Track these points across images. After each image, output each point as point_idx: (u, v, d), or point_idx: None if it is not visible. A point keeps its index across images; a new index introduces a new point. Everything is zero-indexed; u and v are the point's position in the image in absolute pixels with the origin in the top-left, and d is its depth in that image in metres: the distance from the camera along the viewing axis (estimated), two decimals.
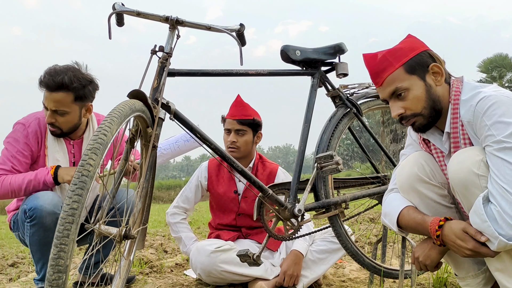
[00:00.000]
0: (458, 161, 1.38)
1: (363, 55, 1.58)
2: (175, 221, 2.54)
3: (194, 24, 1.74)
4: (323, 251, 2.30)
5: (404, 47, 1.50)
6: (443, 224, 1.42)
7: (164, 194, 20.36)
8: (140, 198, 1.60)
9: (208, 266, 2.18)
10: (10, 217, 2.17)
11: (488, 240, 1.31)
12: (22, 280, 2.69)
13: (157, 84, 1.64)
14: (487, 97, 1.36)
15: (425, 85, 1.47)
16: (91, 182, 1.15)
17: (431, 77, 1.48)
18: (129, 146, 1.58)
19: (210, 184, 2.52)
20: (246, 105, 2.46)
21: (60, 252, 1.08)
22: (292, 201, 1.89)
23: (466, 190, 1.38)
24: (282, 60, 2.03)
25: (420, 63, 1.47)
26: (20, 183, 2.01)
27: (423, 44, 1.53)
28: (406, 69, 1.47)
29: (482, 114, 1.35)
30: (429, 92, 1.47)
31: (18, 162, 2.07)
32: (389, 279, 2.23)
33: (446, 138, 1.51)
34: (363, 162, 3.00)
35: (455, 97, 1.46)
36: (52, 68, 2.06)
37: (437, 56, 1.51)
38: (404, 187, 1.57)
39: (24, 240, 2.10)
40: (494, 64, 21.10)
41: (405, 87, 1.47)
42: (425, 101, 1.47)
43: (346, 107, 2.10)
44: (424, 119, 1.49)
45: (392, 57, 1.49)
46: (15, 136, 2.09)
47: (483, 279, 1.58)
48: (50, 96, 2.03)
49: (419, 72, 1.47)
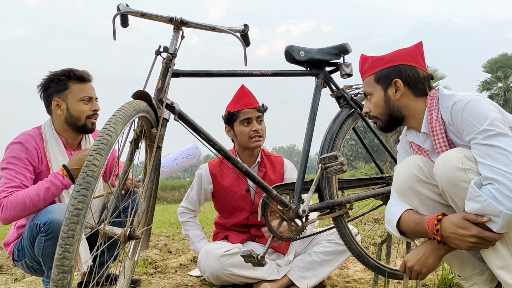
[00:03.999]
0: (442, 162, 1.44)
1: (361, 55, 1.77)
2: (183, 219, 2.59)
3: (198, 24, 1.74)
4: (329, 253, 2.29)
5: (385, 58, 1.67)
6: (441, 218, 1.44)
7: (168, 194, 20.40)
8: (145, 199, 1.60)
9: (217, 270, 2.17)
10: (12, 247, 2.11)
11: (490, 221, 1.33)
12: (27, 280, 2.70)
13: (161, 85, 1.64)
14: (461, 98, 1.49)
15: (384, 96, 1.65)
16: (96, 182, 1.15)
17: (393, 90, 1.63)
18: (134, 147, 1.58)
19: (216, 186, 2.46)
20: (252, 93, 2.44)
21: (65, 253, 1.09)
22: (297, 201, 1.89)
23: (455, 188, 1.41)
24: (286, 61, 2.03)
25: (386, 75, 1.64)
26: (37, 193, 1.95)
27: (407, 59, 1.64)
28: (375, 77, 1.67)
29: (461, 111, 1.46)
30: (387, 102, 1.64)
31: (25, 178, 2.02)
32: (394, 280, 2.22)
33: (424, 137, 1.63)
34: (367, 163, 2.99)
35: (430, 102, 1.59)
36: (67, 68, 2.20)
37: (408, 74, 1.61)
38: (402, 190, 1.59)
39: (32, 266, 2.05)
40: (499, 64, 21.04)
41: (369, 92, 1.69)
42: (382, 109, 1.66)
43: (351, 108, 2.10)
44: (381, 122, 1.69)
45: (373, 64, 1.69)
46: (14, 155, 2.05)
47: (489, 275, 1.58)
48: (86, 86, 2.20)
49: (382, 83, 1.65)
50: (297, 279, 2.24)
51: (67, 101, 2.15)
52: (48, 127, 2.19)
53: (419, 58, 1.66)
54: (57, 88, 2.15)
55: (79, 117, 2.16)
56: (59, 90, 2.15)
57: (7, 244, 2.15)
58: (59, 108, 2.16)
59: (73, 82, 2.16)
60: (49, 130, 2.18)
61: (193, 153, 2.32)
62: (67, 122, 2.17)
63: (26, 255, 2.03)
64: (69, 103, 2.15)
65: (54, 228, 1.87)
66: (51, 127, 2.19)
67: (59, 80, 2.15)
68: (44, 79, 2.19)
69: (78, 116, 2.16)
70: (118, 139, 1.28)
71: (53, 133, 2.18)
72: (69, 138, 2.22)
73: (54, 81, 2.16)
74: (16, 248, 2.08)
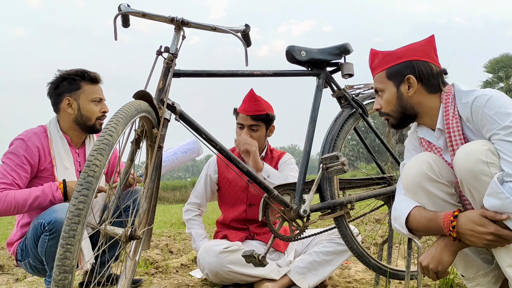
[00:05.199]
0: (465, 153, 1.40)
1: (371, 50, 1.72)
2: (187, 218, 2.60)
3: (199, 25, 1.74)
4: (330, 253, 2.29)
5: (396, 53, 1.63)
6: (457, 215, 1.42)
7: (170, 194, 20.38)
8: (146, 199, 1.60)
9: (216, 267, 2.18)
10: (16, 247, 2.12)
11: (508, 219, 1.31)
12: (28, 280, 2.70)
13: (162, 85, 1.64)
14: (482, 94, 1.46)
15: (396, 92, 1.61)
16: (97, 182, 1.15)
17: (405, 87, 1.59)
18: (135, 147, 1.58)
19: (220, 176, 2.53)
20: (260, 99, 2.44)
21: (66, 253, 1.09)
22: (298, 201, 1.89)
23: (475, 180, 1.38)
24: (287, 61, 2.03)
25: (398, 72, 1.60)
26: (25, 198, 1.98)
27: (420, 54, 1.60)
28: (387, 74, 1.63)
29: (482, 107, 1.43)
30: (400, 99, 1.61)
31: (18, 176, 2.04)
32: (395, 280, 2.22)
33: (438, 134, 1.59)
34: (368, 163, 3.00)
35: (446, 98, 1.56)
36: (80, 68, 2.25)
37: (422, 70, 1.57)
38: (411, 187, 1.56)
39: (35, 266, 2.06)
40: (500, 64, 20.98)
41: (381, 89, 1.65)
42: (394, 106, 1.62)
43: (352, 108, 2.10)
44: (393, 119, 1.66)
45: (384, 60, 1.64)
46: (13, 151, 2.08)
47: (493, 277, 1.57)
48: (97, 87, 2.25)
49: (395, 79, 1.61)
50: (298, 279, 2.24)
51: (79, 101, 2.19)
52: (53, 126, 2.22)
53: (432, 53, 1.61)
54: (69, 87, 2.19)
55: (89, 118, 2.20)
56: (72, 90, 2.19)
57: (11, 243, 2.16)
58: (70, 107, 2.19)
59: (86, 82, 2.21)
60: (54, 128, 2.21)
61: (192, 147, 2.33)
62: (76, 121, 2.21)
63: (29, 255, 2.04)
64: (81, 103, 2.19)
65: (58, 228, 1.88)
66: (57, 125, 2.22)
67: (72, 79, 2.19)
68: (56, 77, 2.22)
69: (89, 116, 2.20)
70: (119, 139, 1.28)
71: (58, 131, 2.21)
72: (74, 136, 2.25)
73: (66, 80, 2.20)
74: (20, 248, 2.09)
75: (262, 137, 2.45)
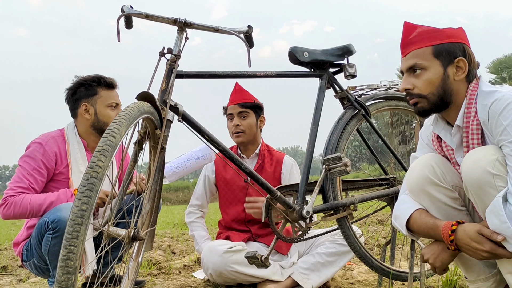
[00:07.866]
0: (473, 161, 1.36)
1: (405, 22, 1.55)
2: (190, 220, 2.62)
3: (202, 26, 1.74)
4: (333, 254, 2.29)
5: (445, 32, 1.48)
6: (455, 229, 1.40)
7: (172, 195, 20.41)
8: (149, 200, 1.60)
9: (219, 267, 2.19)
10: (21, 247, 2.13)
11: (504, 240, 1.29)
12: (31, 281, 2.71)
13: (165, 86, 1.64)
14: (502, 97, 1.36)
15: (443, 73, 1.45)
16: (100, 184, 1.15)
17: (453, 69, 1.46)
18: (138, 148, 1.58)
19: (218, 176, 2.55)
20: (245, 91, 2.51)
21: (69, 254, 1.09)
22: (300, 203, 1.89)
23: (480, 190, 1.35)
24: (290, 62, 2.03)
25: (449, 51, 1.45)
26: (41, 203, 2.00)
27: (465, 39, 1.50)
28: (433, 51, 1.46)
29: (498, 114, 1.35)
30: (445, 81, 1.46)
31: (34, 180, 2.07)
32: (398, 281, 2.22)
33: (456, 130, 1.49)
34: (371, 164, 2.99)
35: (471, 93, 1.45)
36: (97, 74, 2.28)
37: (471, 55, 1.48)
38: (414, 190, 1.55)
39: (39, 267, 2.07)
40: (503, 65, 20.90)
41: (423, 66, 1.46)
42: (436, 88, 1.46)
43: (355, 109, 2.09)
44: (427, 103, 1.48)
45: (427, 35, 1.47)
46: (30, 154, 2.11)
47: (493, 282, 1.56)
48: (113, 92, 2.28)
49: (443, 59, 1.45)
50: (301, 280, 2.24)
51: (96, 106, 2.23)
52: (71, 130, 2.26)
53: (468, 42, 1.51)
54: (86, 93, 2.23)
55: (106, 123, 2.23)
56: (88, 95, 2.23)
57: (17, 243, 2.18)
58: (87, 113, 2.23)
59: (102, 88, 2.24)
60: (72, 132, 2.25)
61: (205, 153, 2.35)
62: (93, 126, 2.24)
63: (34, 255, 2.05)
64: (97, 108, 2.23)
65: (62, 227, 1.89)
66: (74, 129, 2.26)
67: (89, 85, 2.23)
68: (73, 83, 2.26)
69: (106, 121, 2.23)
70: (122, 141, 1.28)
71: (76, 135, 2.25)
72: (91, 141, 2.29)
73: (83, 86, 2.23)
74: (25, 248, 2.11)
75: (253, 125, 2.47)
